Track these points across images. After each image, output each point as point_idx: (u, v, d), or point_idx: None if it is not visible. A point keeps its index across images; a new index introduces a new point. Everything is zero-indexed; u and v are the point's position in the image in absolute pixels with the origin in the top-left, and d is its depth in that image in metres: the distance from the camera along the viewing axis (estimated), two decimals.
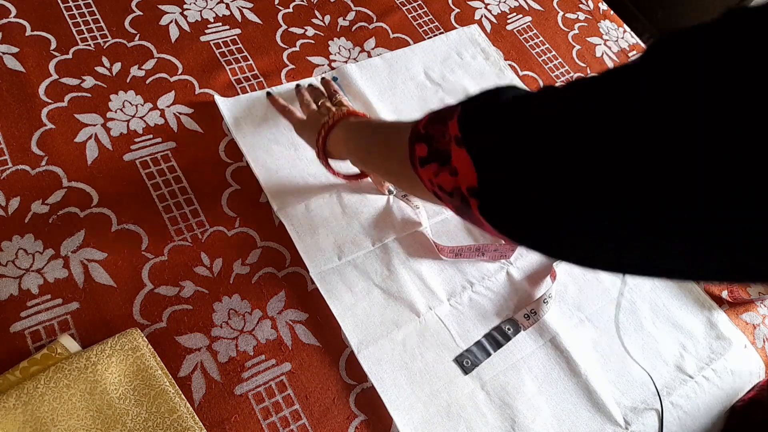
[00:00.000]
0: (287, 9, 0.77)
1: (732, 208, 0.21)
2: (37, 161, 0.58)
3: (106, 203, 0.57)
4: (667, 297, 0.64)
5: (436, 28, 0.80)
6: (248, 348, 0.53)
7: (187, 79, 0.67)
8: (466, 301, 0.59)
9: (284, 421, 0.50)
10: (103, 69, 0.65)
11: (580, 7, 0.90)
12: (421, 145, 0.37)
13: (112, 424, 0.46)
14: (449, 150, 0.34)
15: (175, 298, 0.54)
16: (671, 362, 0.60)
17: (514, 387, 0.55)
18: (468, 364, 0.56)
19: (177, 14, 0.72)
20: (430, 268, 0.60)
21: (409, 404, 0.53)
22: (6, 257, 0.52)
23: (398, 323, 0.56)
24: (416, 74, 0.75)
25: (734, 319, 0.65)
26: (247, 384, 0.51)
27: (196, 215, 0.58)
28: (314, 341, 0.54)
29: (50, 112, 0.61)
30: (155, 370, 0.48)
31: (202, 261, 0.56)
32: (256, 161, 0.62)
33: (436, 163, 0.36)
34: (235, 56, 0.70)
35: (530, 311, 0.59)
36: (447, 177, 0.35)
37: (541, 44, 0.83)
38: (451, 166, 0.34)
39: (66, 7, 0.68)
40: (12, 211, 0.55)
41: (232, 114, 0.65)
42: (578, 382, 0.57)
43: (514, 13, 0.86)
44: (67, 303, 0.51)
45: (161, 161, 0.61)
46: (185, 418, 0.47)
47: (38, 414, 0.44)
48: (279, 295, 0.56)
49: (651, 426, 0.56)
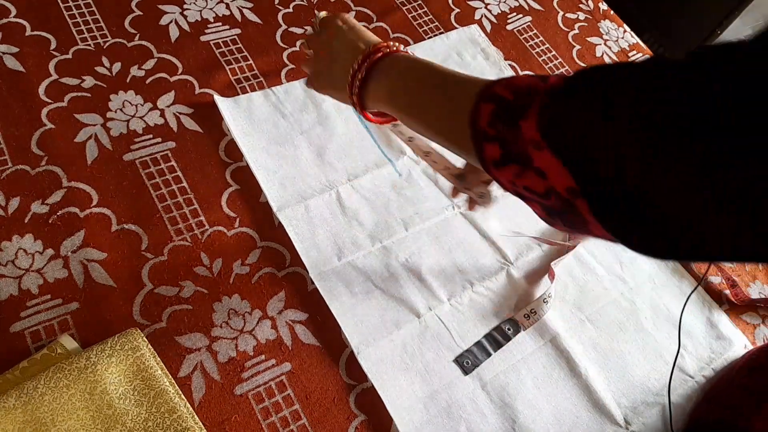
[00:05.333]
0: (287, 9, 0.77)
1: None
2: (37, 161, 0.58)
3: (106, 203, 0.57)
4: (668, 297, 0.64)
5: (436, 28, 0.80)
6: (248, 348, 0.53)
7: (187, 79, 0.67)
8: (466, 301, 0.59)
9: (284, 421, 0.50)
10: (103, 69, 0.65)
11: (580, 6, 0.90)
12: (491, 146, 0.33)
13: (112, 424, 0.46)
14: (529, 154, 0.30)
15: (174, 298, 0.54)
16: (671, 362, 0.60)
17: (515, 387, 0.55)
18: (468, 365, 0.56)
19: (177, 14, 0.72)
20: (430, 268, 0.60)
21: (409, 404, 0.52)
22: (6, 257, 0.52)
23: (398, 323, 0.56)
24: None
25: (734, 319, 0.65)
26: (247, 384, 0.51)
27: (195, 215, 0.58)
28: (314, 341, 0.54)
29: (50, 111, 0.61)
30: (155, 370, 0.48)
31: (201, 261, 0.56)
32: (256, 161, 0.62)
33: (516, 165, 0.32)
34: (235, 56, 0.70)
35: (530, 311, 0.59)
36: (534, 178, 0.31)
37: (541, 44, 0.83)
38: (536, 167, 0.30)
39: (66, 7, 0.68)
40: (12, 211, 0.54)
41: (232, 114, 0.65)
42: (578, 382, 0.57)
43: (514, 13, 0.86)
44: (66, 303, 0.51)
45: (161, 161, 0.61)
46: (185, 418, 0.47)
47: (38, 414, 0.44)
48: (279, 295, 0.56)
49: (651, 426, 0.56)
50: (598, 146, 0.28)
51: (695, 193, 0.24)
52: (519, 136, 0.31)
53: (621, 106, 0.27)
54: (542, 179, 0.30)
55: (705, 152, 0.24)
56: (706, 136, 0.23)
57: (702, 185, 0.24)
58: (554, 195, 0.30)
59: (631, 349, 0.60)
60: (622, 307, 0.62)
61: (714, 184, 0.24)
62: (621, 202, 0.27)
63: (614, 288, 0.63)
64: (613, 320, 0.61)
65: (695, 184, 0.24)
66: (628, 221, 0.28)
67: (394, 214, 0.63)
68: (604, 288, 0.63)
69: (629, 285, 0.64)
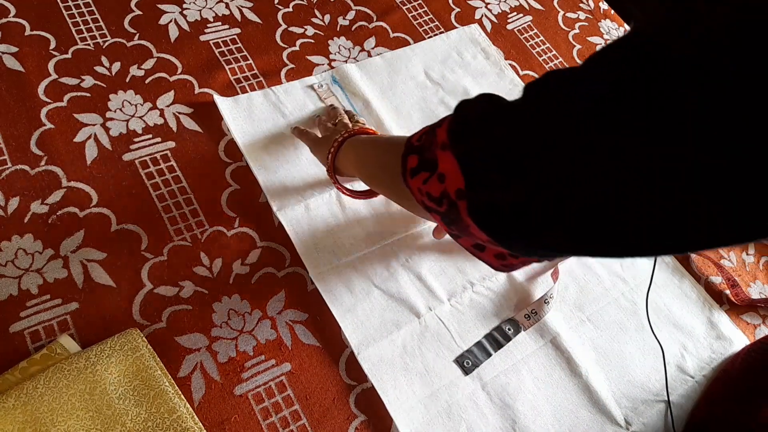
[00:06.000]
0: (287, 8, 0.77)
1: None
2: (37, 161, 0.58)
3: (105, 203, 0.57)
4: (668, 297, 0.64)
5: (436, 28, 0.80)
6: (248, 348, 0.53)
7: (186, 79, 0.67)
8: (466, 301, 0.59)
9: (284, 421, 0.50)
10: (103, 69, 0.65)
11: (580, 6, 0.90)
12: (413, 157, 0.38)
13: (112, 425, 0.46)
14: (436, 156, 0.35)
15: (174, 298, 0.53)
16: (672, 362, 0.60)
17: (515, 387, 0.55)
18: (468, 365, 0.55)
19: (176, 14, 0.72)
20: (430, 268, 0.60)
21: (410, 405, 0.52)
22: (5, 257, 0.52)
23: (398, 324, 0.56)
24: (416, 74, 0.74)
25: (735, 319, 0.65)
26: (246, 384, 0.51)
27: (195, 215, 0.58)
28: (314, 341, 0.54)
29: (49, 111, 0.61)
30: (155, 370, 0.48)
31: (201, 261, 0.56)
32: (256, 161, 0.62)
33: (426, 172, 0.37)
34: (235, 56, 0.70)
35: (531, 311, 0.59)
36: (435, 183, 0.36)
37: (541, 43, 0.83)
38: (439, 172, 0.35)
39: (65, 6, 0.68)
40: (11, 211, 0.54)
41: (232, 114, 0.65)
42: (579, 382, 0.57)
43: (514, 13, 0.86)
44: (66, 303, 0.51)
45: (161, 161, 0.61)
46: (185, 419, 0.47)
47: (38, 414, 0.44)
48: (279, 295, 0.56)
49: (651, 426, 0.56)
50: (492, 144, 0.32)
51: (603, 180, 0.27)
52: (434, 141, 0.36)
53: (517, 108, 0.31)
54: (440, 183, 0.35)
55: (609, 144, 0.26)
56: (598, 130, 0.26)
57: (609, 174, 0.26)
58: (446, 200, 0.35)
59: (632, 349, 0.60)
60: (622, 307, 0.62)
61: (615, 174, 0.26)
62: (500, 199, 0.31)
63: (614, 288, 0.63)
64: (613, 320, 0.61)
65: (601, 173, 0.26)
66: (497, 216, 0.32)
67: (394, 214, 0.62)
68: (605, 288, 0.63)
69: (629, 285, 0.64)
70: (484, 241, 0.35)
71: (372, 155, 0.49)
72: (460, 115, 0.35)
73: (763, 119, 0.21)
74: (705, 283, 0.66)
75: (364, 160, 0.50)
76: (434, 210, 0.37)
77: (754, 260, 0.71)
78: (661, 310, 0.63)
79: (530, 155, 0.29)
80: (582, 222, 0.28)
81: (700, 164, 0.23)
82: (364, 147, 0.51)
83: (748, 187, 0.22)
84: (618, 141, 0.25)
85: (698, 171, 0.23)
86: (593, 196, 0.27)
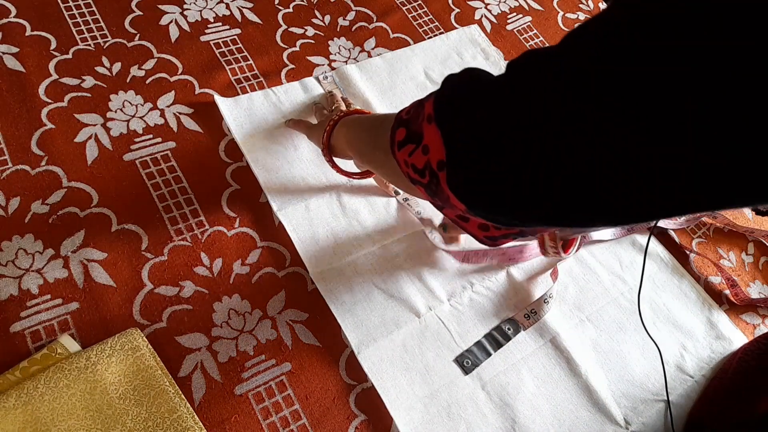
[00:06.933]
0: (287, 9, 0.77)
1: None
2: (37, 161, 0.58)
3: (106, 203, 0.57)
4: (668, 297, 0.64)
5: (436, 28, 0.80)
6: (248, 348, 0.53)
7: (187, 79, 0.67)
8: (466, 301, 0.59)
9: (284, 421, 0.50)
10: (103, 69, 0.65)
11: (580, 7, 0.90)
12: (401, 130, 0.39)
13: (112, 424, 0.46)
14: (422, 129, 0.36)
15: (175, 298, 0.54)
16: (672, 362, 0.60)
17: (515, 387, 0.55)
18: (468, 364, 0.56)
19: (177, 14, 0.72)
20: (430, 268, 0.60)
21: (409, 404, 0.52)
22: (6, 257, 0.52)
23: (398, 323, 0.56)
24: (416, 74, 0.75)
25: (734, 319, 0.65)
26: (247, 384, 0.51)
27: (195, 215, 0.58)
28: (314, 341, 0.54)
29: (50, 111, 0.61)
30: (155, 370, 0.48)
31: (201, 261, 0.56)
32: (256, 161, 0.62)
33: (411, 144, 0.38)
34: (235, 56, 0.70)
35: (531, 311, 0.59)
36: (419, 155, 0.36)
37: (541, 44, 0.83)
38: (424, 144, 0.36)
39: (66, 6, 0.68)
40: (12, 211, 0.54)
41: (232, 114, 0.65)
42: (578, 382, 0.57)
43: (514, 13, 0.86)
44: (67, 303, 0.51)
45: (161, 161, 0.61)
46: (185, 418, 0.47)
47: (38, 414, 0.44)
48: (279, 295, 0.56)
49: (651, 426, 0.56)
50: (473, 126, 0.32)
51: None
52: (421, 113, 0.37)
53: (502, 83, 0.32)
54: (424, 155, 0.36)
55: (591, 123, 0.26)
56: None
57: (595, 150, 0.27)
58: (428, 171, 0.36)
59: (631, 348, 0.60)
60: (621, 306, 0.62)
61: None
62: (477, 174, 0.32)
63: (614, 288, 0.63)
64: (612, 320, 0.61)
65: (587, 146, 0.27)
66: (474, 189, 0.33)
67: (394, 215, 0.63)
68: (604, 288, 0.63)
69: (629, 285, 0.64)
70: (465, 212, 0.36)
71: (365, 132, 0.50)
72: (446, 91, 0.36)
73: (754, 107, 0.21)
74: (704, 283, 0.66)
75: (357, 136, 0.51)
76: (418, 182, 0.38)
77: (753, 260, 0.71)
78: (660, 309, 0.63)
79: (508, 135, 0.30)
80: (562, 199, 0.29)
81: (672, 135, 0.23)
82: (357, 124, 0.52)
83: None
84: (597, 114, 0.25)
85: (666, 139, 0.23)
86: (570, 172, 0.27)
